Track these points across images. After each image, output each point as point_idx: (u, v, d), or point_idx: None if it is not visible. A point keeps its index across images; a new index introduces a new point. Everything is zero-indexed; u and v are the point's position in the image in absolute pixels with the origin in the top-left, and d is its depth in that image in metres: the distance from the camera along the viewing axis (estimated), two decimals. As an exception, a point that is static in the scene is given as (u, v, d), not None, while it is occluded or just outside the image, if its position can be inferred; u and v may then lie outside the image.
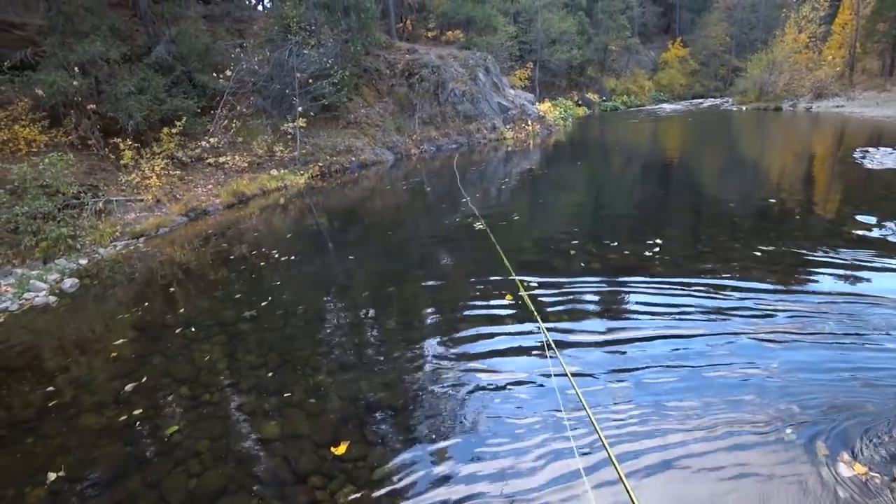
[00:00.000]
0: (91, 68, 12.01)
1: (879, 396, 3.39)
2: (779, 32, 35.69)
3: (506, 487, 2.91)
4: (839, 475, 2.71)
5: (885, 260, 5.84)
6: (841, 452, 2.87)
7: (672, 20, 53.25)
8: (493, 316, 5.17)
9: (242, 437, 3.67)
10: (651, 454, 3.03)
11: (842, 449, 2.90)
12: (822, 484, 2.70)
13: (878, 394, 3.42)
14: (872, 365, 3.77)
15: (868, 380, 3.59)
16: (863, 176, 10.91)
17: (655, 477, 2.85)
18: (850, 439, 2.99)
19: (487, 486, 2.95)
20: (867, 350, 3.98)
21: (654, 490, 2.76)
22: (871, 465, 2.75)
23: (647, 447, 3.08)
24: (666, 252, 6.61)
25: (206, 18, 18.39)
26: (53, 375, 4.88)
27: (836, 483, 2.68)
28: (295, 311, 5.84)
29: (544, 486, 2.90)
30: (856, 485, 2.65)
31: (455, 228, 8.86)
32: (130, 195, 11.22)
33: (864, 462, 2.78)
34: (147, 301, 6.66)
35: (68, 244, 8.76)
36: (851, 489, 2.63)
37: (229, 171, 13.82)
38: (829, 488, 2.66)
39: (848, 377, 3.64)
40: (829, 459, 2.84)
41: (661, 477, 2.85)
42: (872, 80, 33.04)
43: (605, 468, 2.92)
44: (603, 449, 2.93)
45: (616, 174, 14.83)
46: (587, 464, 2.99)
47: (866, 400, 3.35)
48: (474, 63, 22.31)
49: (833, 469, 2.77)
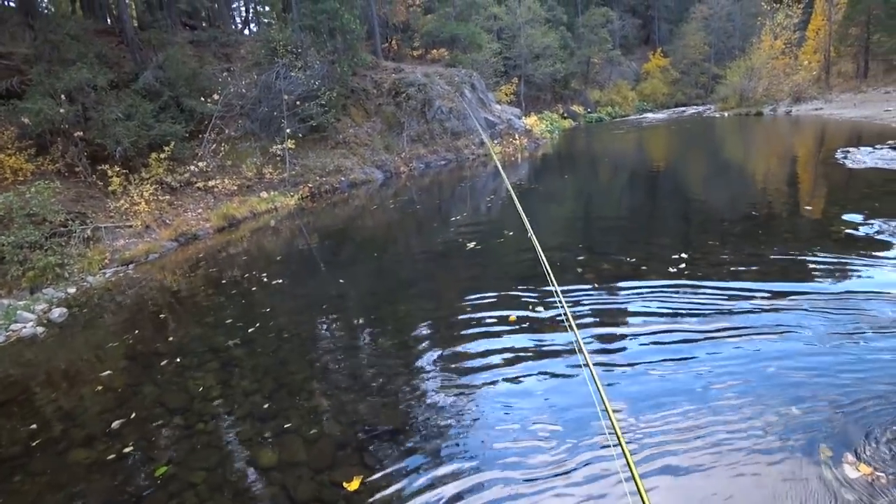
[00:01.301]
0: (78, 95, 11.99)
1: (877, 395, 3.38)
2: (755, 40, 36.56)
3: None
4: (845, 477, 2.69)
5: (876, 257, 5.90)
6: (844, 454, 2.85)
7: (651, 31, 54.45)
8: (489, 332, 5.13)
9: (239, 467, 3.58)
10: (648, 462, 2.99)
11: (845, 450, 2.88)
12: (828, 487, 2.67)
13: (875, 393, 3.41)
14: (868, 364, 3.77)
15: (864, 379, 3.59)
16: (845, 176, 11.09)
17: (653, 481, 2.80)
18: (851, 440, 2.97)
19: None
20: (862, 349, 3.99)
21: (655, 495, 2.71)
22: (876, 464, 2.73)
23: (642, 456, 3.04)
24: (657, 259, 6.63)
25: (193, 44, 18.51)
26: (42, 409, 4.76)
27: (842, 485, 2.66)
28: (289, 334, 5.77)
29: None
30: (862, 485, 2.63)
31: (448, 246, 8.84)
32: (119, 221, 11.13)
33: (869, 462, 2.76)
34: (137, 329, 6.55)
35: (56, 273, 8.64)
36: (859, 490, 2.61)
37: (219, 195, 13.76)
38: (835, 491, 2.64)
39: (845, 377, 3.64)
40: (833, 461, 2.82)
41: (661, 481, 2.81)
42: (848, 82, 33.89)
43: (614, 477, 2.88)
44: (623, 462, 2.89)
45: (605, 184, 14.96)
46: (601, 490, 2.94)
47: (864, 399, 3.35)
48: (460, 80, 22.58)
49: (838, 471, 2.75)
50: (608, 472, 2.97)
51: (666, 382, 3.84)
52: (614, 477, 2.92)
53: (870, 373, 3.66)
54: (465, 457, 3.33)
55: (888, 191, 9.21)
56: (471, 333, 5.13)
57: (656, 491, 2.73)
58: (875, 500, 2.54)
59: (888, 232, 6.71)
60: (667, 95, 48.11)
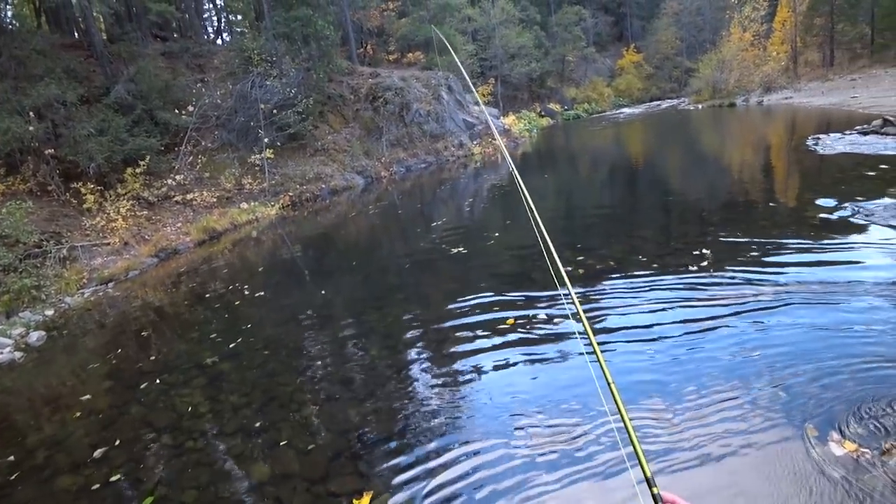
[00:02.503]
0: (47, 112, 11.73)
1: (859, 374, 3.47)
2: (725, 33, 37.31)
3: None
4: (831, 454, 2.76)
5: (852, 240, 6.06)
6: (830, 432, 2.92)
7: (624, 28, 55.24)
8: (477, 334, 5.13)
9: (232, 483, 3.52)
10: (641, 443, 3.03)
11: (830, 429, 2.95)
12: (814, 464, 2.73)
13: (858, 372, 3.50)
14: (849, 344, 3.87)
15: (847, 359, 3.67)
16: (817, 162, 11.38)
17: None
18: (837, 419, 3.05)
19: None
20: (843, 330, 4.09)
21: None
22: (860, 441, 2.80)
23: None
24: (639, 251, 6.72)
25: (165, 55, 18.23)
26: (24, 436, 4.63)
27: (828, 462, 2.72)
28: (275, 345, 5.70)
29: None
30: (848, 462, 2.70)
31: (432, 248, 8.84)
32: (96, 240, 10.89)
33: (853, 439, 2.83)
34: (120, 349, 6.41)
35: (32, 295, 8.42)
36: (844, 466, 2.67)
37: (198, 208, 13.56)
38: (822, 468, 2.70)
39: (827, 358, 3.72)
40: (819, 440, 2.89)
41: (651, 468, 2.84)
42: (815, 70, 34.80)
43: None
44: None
45: (585, 180, 15.11)
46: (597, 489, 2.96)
47: (847, 379, 3.43)
48: (437, 83, 22.63)
49: (824, 449, 2.81)
50: (613, 463, 3.00)
51: (652, 371, 3.89)
52: (618, 463, 2.95)
53: (851, 353, 3.75)
54: (460, 458, 3.32)
55: (858, 175, 9.47)
56: (459, 336, 5.13)
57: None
58: (860, 475, 2.60)
59: (861, 214, 6.89)
60: (642, 90, 48.82)
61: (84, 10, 15.52)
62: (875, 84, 25.47)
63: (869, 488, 2.52)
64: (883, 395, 3.20)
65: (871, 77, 27.60)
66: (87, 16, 15.94)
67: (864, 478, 2.57)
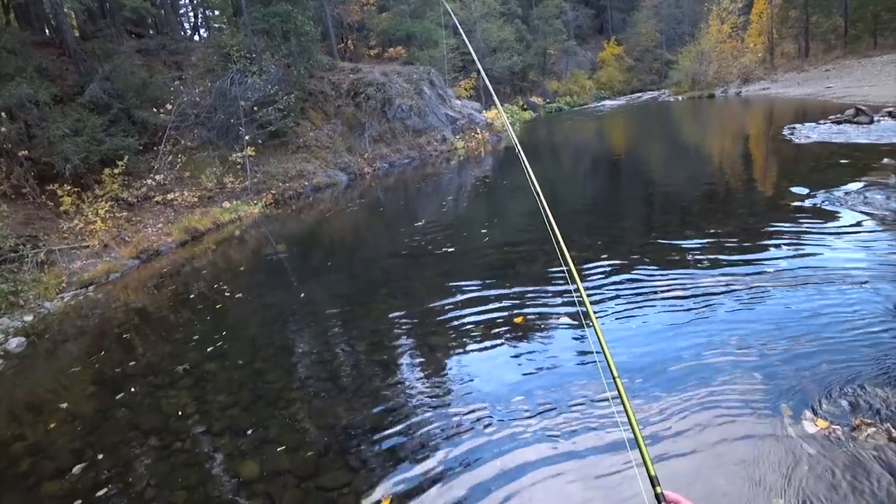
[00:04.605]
0: (19, 112, 11.43)
1: (831, 355, 3.60)
2: (704, 25, 37.80)
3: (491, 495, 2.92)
4: (804, 432, 2.88)
5: (822, 226, 6.25)
6: (804, 411, 3.04)
7: (604, 21, 55.58)
8: (464, 329, 5.18)
9: (221, 482, 3.52)
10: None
11: (804, 408, 3.07)
12: (789, 441, 2.85)
13: (829, 352, 3.64)
14: (821, 327, 4.01)
15: (819, 342, 3.81)
16: (793, 151, 11.65)
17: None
18: (810, 398, 3.17)
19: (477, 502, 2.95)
20: (815, 313, 4.23)
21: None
22: (832, 419, 2.93)
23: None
24: (622, 242, 6.84)
25: (141, 53, 17.85)
26: (8, 444, 4.55)
27: (802, 439, 2.84)
28: (262, 344, 5.68)
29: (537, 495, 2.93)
30: (820, 438, 2.82)
31: (417, 244, 8.85)
32: (74, 242, 10.68)
33: (825, 417, 2.95)
34: (103, 352, 6.33)
35: (9, 301, 8.24)
36: (817, 443, 2.79)
37: (179, 208, 13.36)
38: (796, 444, 2.81)
39: (802, 341, 3.85)
40: (793, 419, 3.01)
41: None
42: (791, 62, 35.49)
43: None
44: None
45: (568, 173, 15.24)
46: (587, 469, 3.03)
47: (820, 361, 3.56)
48: (418, 77, 22.54)
49: (798, 427, 2.93)
50: (610, 452, 3.07)
51: (628, 355, 3.99)
52: (618, 446, 3.02)
53: (823, 336, 3.89)
54: (448, 447, 3.36)
55: (832, 163, 9.73)
56: (445, 330, 5.18)
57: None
58: (832, 451, 2.72)
59: (833, 201, 7.10)
60: (623, 83, 49.25)
61: (55, 6, 15.08)
62: (848, 74, 26.08)
63: (839, 462, 2.64)
64: (853, 375, 3.33)
65: (845, 68, 28.25)
66: (58, 12, 15.48)
67: (835, 454, 2.69)
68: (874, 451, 2.65)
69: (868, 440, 2.70)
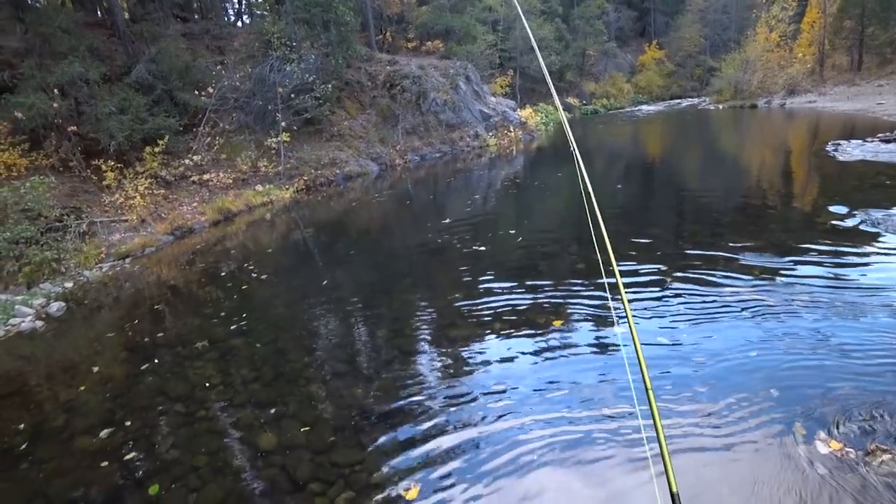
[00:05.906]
0: (70, 89, 11.96)
1: (854, 380, 3.52)
2: (750, 32, 36.55)
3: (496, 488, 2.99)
4: (817, 452, 2.84)
5: (858, 248, 6.05)
6: (818, 431, 2.99)
7: (647, 23, 54.32)
8: (484, 322, 5.24)
9: (240, 451, 3.69)
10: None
11: (819, 429, 3.03)
12: (800, 461, 2.82)
13: (853, 376, 3.56)
14: (848, 350, 3.92)
15: (844, 364, 3.73)
16: (835, 168, 11.23)
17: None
18: (827, 420, 3.12)
19: (484, 488, 3.02)
20: (840, 335, 4.13)
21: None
22: (846, 441, 2.88)
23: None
24: (649, 249, 6.76)
25: (186, 36, 18.39)
26: (43, 401, 4.86)
27: (814, 460, 2.80)
28: (285, 324, 5.87)
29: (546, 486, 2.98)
30: (832, 460, 2.78)
31: (444, 239, 8.93)
32: (114, 216, 11.16)
33: (839, 439, 2.91)
34: (136, 321, 6.64)
35: (52, 268, 8.69)
36: (829, 465, 2.76)
37: (214, 189, 13.79)
38: (808, 465, 2.78)
39: (823, 362, 3.78)
40: (807, 439, 2.97)
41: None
42: (842, 75, 33.99)
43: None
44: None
45: (600, 176, 15.05)
46: (593, 454, 3.07)
47: (841, 381, 3.49)
48: (455, 72, 22.56)
49: (811, 447, 2.90)
50: (630, 463, 3.10)
51: (650, 367, 3.97)
52: (638, 452, 3.05)
53: (849, 359, 3.80)
54: (461, 434, 3.44)
55: (876, 183, 9.36)
56: (466, 322, 5.25)
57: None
58: (843, 473, 2.68)
59: (872, 223, 6.85)
60: (662, 88, 48.14)
61: (109, -12, 15.71)
62: (902, 90, 24.87)
63: (849, 485, 2.61)
64: (876, 401, 3.25)
65: (899, 83, 26.94)
66: (111, -6, 16.13)
67: (846, 476, 2.66)
68: (887, 478, 2.61)
69: (882, 466, 2.66)
